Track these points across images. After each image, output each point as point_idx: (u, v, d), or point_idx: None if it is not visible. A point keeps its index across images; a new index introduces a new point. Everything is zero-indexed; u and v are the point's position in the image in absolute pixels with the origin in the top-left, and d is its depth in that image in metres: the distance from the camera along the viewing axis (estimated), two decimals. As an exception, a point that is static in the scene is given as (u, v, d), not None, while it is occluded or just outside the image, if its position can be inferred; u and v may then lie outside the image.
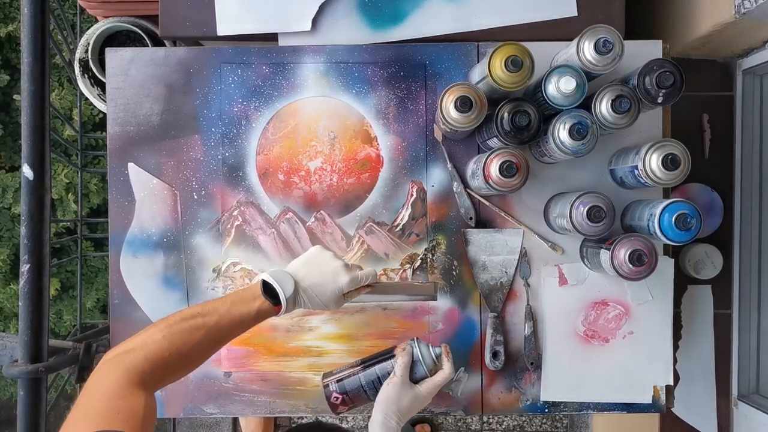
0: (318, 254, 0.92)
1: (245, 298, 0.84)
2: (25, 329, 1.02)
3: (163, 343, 0.75)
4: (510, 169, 0.89)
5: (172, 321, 0.78)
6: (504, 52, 0.88)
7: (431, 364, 0.91)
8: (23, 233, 1.03)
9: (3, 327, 2.32)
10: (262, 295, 0.84)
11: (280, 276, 0.86)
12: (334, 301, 0.89)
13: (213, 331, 0.80)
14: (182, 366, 0.78)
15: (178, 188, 1.07)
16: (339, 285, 0.89)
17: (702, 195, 1.36)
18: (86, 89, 1.39)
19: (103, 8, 1.32)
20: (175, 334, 0.76)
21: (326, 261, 0.90)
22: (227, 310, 0.82)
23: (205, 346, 0.80)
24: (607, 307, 1.06)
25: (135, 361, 0.71)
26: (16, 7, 2.19)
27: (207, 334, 0.79)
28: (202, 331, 0.78)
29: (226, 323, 0.81)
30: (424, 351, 0.92)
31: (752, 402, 1.35)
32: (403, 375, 0.89)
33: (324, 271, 0.89)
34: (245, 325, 0.83)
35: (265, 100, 1.07)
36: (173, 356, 0.75)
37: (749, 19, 1.10)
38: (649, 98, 0.88)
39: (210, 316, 0.80)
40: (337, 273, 0.89)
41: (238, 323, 0.82)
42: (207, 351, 0.81)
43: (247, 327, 0.84)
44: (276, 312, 0.85)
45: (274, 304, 0.85)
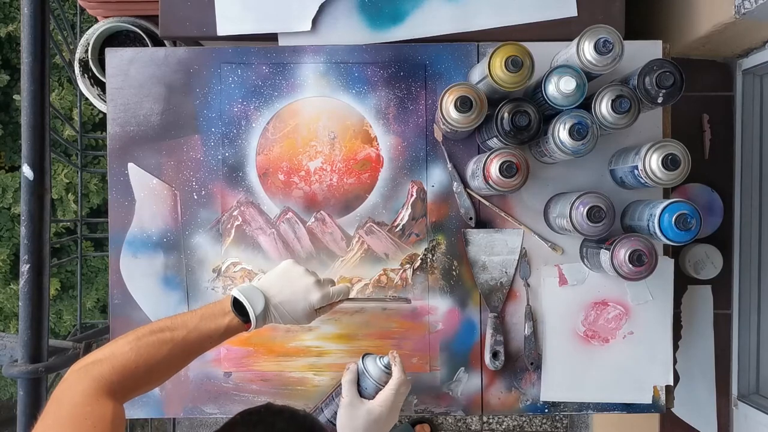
0: (289, 270, 0.91)
1: (215, 314, 0.83)
2: (25, 329, 1.02)
3: (131, 356, 0.75)
4: (510, 169, 0.89)
5: (141, 334, 0.78)
6: (504, 52, 0.88)
7: (380, 375, 0.89)
8: (23, 233, 1.03)
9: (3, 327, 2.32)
10: (231, 312, 0.84)
11: (251, 293, 0.86)
12: (306, 316, 0.89)
13: (180, 346, 0.79)
14: (150, 379, 0.78)
15: (178, 188, 1.07)
16: (310, 302, 0.88)
17: (702, 195, 1.36)
18: (86, 89, 1.39)
19: (103, 8, 1.32)
20: (142, 347, 0.76)
21: (298, 277, 0.90)
22: (196, 325, 0.81)
23: (172, 360, 0.79)
24: (607, 307, 1.06)
25: (102, 371, 0.72)
26: (16, 7, 2.19)
27: (174, 349, 0.79)
28: (169, 345, 0.78)
29: (194, 338, 0.81)
30: (369, 364, 0.90)
31: (752, 402, 1.35)
32: (348, 394, 0.88)
33: (295, 288, 0.88)
34: (214, 340, 0.83)
35: (265, 100, 1.07)
36: (140, 369, 0.75)
37: (749, 20, 1.10)
38: (649, 98, 0.88)
39: (178, 331, 0.80)
40: (308, 290, 0.89)
41: (206, 338, 0.82)
42: (175, 365, 0.81)
43: (216, 342, 0.84)
44: (246, 328, 0.85)
45: (244, 321, 0.84)
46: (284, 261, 0.93)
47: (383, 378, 0.89)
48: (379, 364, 0.90)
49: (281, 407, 0.70)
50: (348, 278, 1.07)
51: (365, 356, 0.92)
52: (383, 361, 0.90)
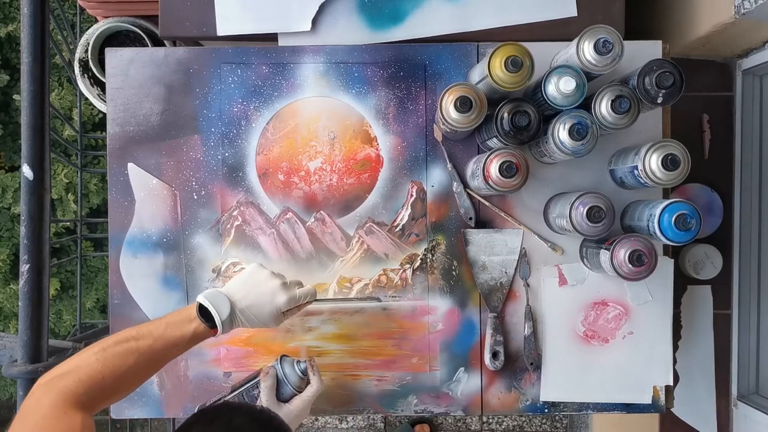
0: (255, 273, 0.91)
1: (180, 321, 0.83)
2: (25, 329, 1.02)
3: (97, 366, 0.75)
4: (510, 169, 0.89)
5: (107, 344, 0.78)
6: (504, 52, 0.88)
7: (298, 381, 0.91)
8: (23, 233, 1.03)
9: (3, 327, 2.32)
10: (197, 318, 0.84)
11: (216, 298, 0.86)
12: (273, 319, 0.89)
13: (147, 355, 0.79)
14: (117, 389, 0.78)
15: (177, 188, 1.07)
16: (277, 304, 0.88)
17: (702, 195, 1.36)
18: (86, 89, 1.39)
19: (103, 8, 1.32)
20: (108, 357, 0.76)
21: (264, 280, 0.89)
22: (161, 333, 0.81)
23: (139, 369, 0.79)
24: (607, 307, 1.06)
25: (68, 384, 0.72)
26: (16, 7, 2.19)
27: (141, 358, 0.79)
28: (135, 354, 0.78)
29: (161, 346, 0.81)
30: (288, 370, 0.91)
31: (752, 402, 1.35)
32: (268, 399, 0.90)
33: (261, 291, 0.88)
34: (181, 347, 0.83)
35: (264, 100, 1.07)
36: (107, 379, 0.75)
37: (749, 20, 1.10)
38: (649, 98, 0.88)
39: (144, 340, 0.80)
40: (274, 293, 0.88)
41: (173, 346, 0.82)
42: (142, 374, 0.81)
43: (183, 349, 0.84)
44: (213, 334, 0.85)
45: (211, 326, 0.84)
46: (250, 265, 0.93)
47: (300, 384, 0.92)
48: (297, 370, 0.92)
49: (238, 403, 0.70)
50: (348, 278, 1.07)
51: (283, 360, 0.93)
52: (300, 367, 0.92)
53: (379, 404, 1.07)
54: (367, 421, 2.27)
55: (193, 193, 1.07)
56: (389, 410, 1.07)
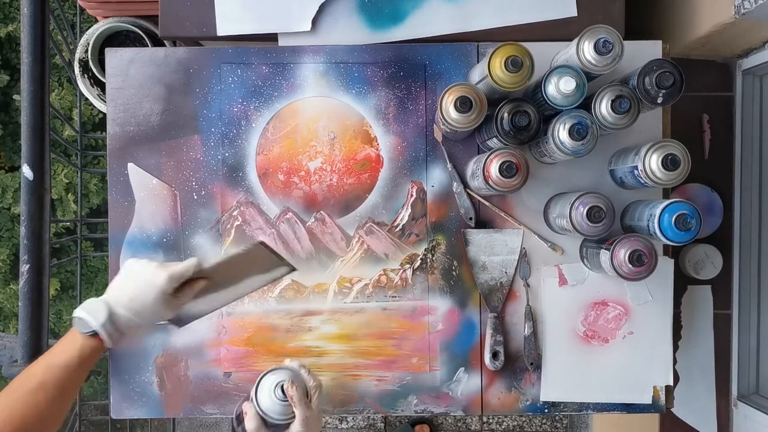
0: (130, 267, 0.84)
1: (64, 345, 0.80)
2: (25, 329, 1.02)
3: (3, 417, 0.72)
4: (510, 169, 0.89)
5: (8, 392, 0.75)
6: (504, 52, 0.88)
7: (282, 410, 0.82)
8: (23, 233, 1.04)
9: (3, 327, 2.32)
10: (79, 334, 0.80)
11: (90, 306, 0.81)
12: (163, 304, 0.82)
13: (42, 391, 0.75)
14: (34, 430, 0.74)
15: (177, 188, 1.07)
16: (158, 287, 0.81)
17: (702, 195, 1.37)
18: (86, 89, 1.39)
19: (103, 8, 1.32)
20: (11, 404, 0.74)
21: (139, 269, 0.83)
22: (50, 363, 0.78)
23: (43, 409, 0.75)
24: (607, 307, 1.06)
25: None
26: (16, 7, 2.19)
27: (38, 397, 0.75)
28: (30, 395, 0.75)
29: (53, 378, 0.77)
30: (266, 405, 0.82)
31: (752, 402, 1.35)
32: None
33: (138, 282, 0.82)
34: (75, 369, 0.79)
35: (264, 100, 1.07)
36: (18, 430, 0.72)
37: (749, 20, 1.10)
38: (649, 98, 0.88)
39: (34, 378, 0.76)
40: (152, 276, 0.81)
41: (65, 371, 0.78)
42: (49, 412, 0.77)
43: (80, 372, 0.80)
44: (101, 345, 0.81)
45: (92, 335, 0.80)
46: (126, 261, 0.86)
47: (287, 411, 0.82)
48: (276, 398, 0.81)
49: None
50: (348, 278, 1.07)
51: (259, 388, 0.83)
52: (279, 395, 0.81)
53: (379, 404, 1.07)
54: (367, 421, 2.27)
55: (193, 193, 1.07)
56: (389, 410, 1.07)
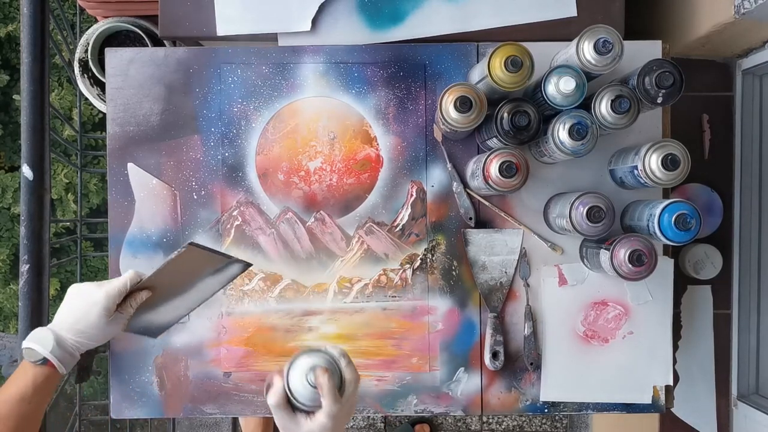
0: (71, 291, 0.86)
1: (17, 375, 0.80)
2: (25, 329, 1.02)
3: None
4: (510, 169, 0.89)
5: None
6: (504, 52, 0.88)
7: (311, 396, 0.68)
8: (23, 233, 1.04)
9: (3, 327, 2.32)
10: (29, 364, 0.81)
11: (37, 334, 0.82)
12: (107, 323, 0.84)
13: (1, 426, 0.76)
14: None
15: (177, 188, 1.07)
16: (98, 305, 0.83)
17: (702, 195, 1.36)
18: (86, 89, 1.39)
19: (102, 8, 1.32)
20: None
21: (78, 292, 0.85)
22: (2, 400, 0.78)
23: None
24: (607, 307, 1.06)
25: None
26: (16, 7, 2.20)
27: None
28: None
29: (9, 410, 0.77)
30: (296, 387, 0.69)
31: (752, 402, 1.35)
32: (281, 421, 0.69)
33: (78, 303, 0.84)
34: (31, 399, 0.79)
35: (264, 100, 1.07)
36: None
37: (749, 20, 1.10)
38: (649, 98, 0.88)
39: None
40: (90, 295, 0.84)
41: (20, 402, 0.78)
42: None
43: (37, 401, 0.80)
44: (55, 372, 0.82)
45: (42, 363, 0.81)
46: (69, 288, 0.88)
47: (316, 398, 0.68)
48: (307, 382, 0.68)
49: None
50: (348, 278, 1.07)
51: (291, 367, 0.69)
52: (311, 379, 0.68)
53: (379, 404, 1.07)
54: (367, 421, 2.27)
55: (193, 193, 1.07)
56: (389, 410, 1.07)
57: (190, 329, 1.06)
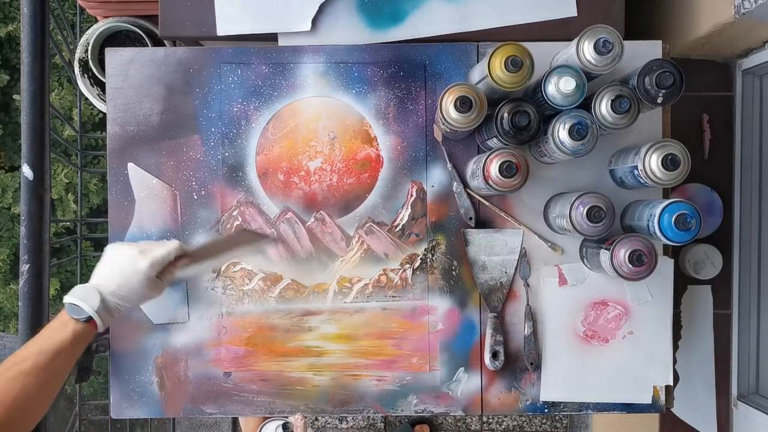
0: (112, 252, 0.89)
1: (56, 329, 0.82)
2: (25, 329, 1.02)
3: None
4: (510, 169, 0.89)
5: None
6: (504, 52, 0.88)
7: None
8: (23, 233, 1.03)
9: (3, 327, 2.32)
10: (71, 319, 0.83)
11: (82, 291, 0.84)
12: (148, 288, 0.87)
13: (33, 375, 0.77)
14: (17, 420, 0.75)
15: (177, 188, 1.07)
16: (142, 271, 0.85)
17: (702, 195, 1.36)
18: (86, 89, 1.39)
19: (102, 8, 1.32)
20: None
21: (121, 255, 0.87)
22: (40, 348, 0.79)
23: (32, 393, 0.77)
24: (607, 307, 1.06)
25: None
26: (16, 7, 2.19)
27: (27, 380, 0.76)
28: (21, 378, 0.76)
29: (45, 361, 0.79)
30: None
31: (752, 402, 1.35)
32: None
33: (123, 267, 0.86)
34: (67, 354, 0.81)
35: (264, 100, 1.07)
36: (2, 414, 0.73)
37: (749, 20, 1.10)
38: (649, 98, 0.88)
39: (25, 362, 0.78)
40: (134, 260, 0.86)
41: (57, 355, 0.80)
42: (37, 397, 0.78)
43: (71, 356, 0.82)
44: (95, 329, 0.84)
45: (86, 320, 0.83)
46: (107, 246, 0.91)
47: None
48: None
49: None
50: (348, 278, 1.07)
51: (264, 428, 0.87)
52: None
53: (379, 404, 1.07)
54: (367, 421, 2.27)
55: (193, 193, 1.07)
56: (389, 410, 1.07)
57: (190, 329, 1.07)
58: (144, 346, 1.06)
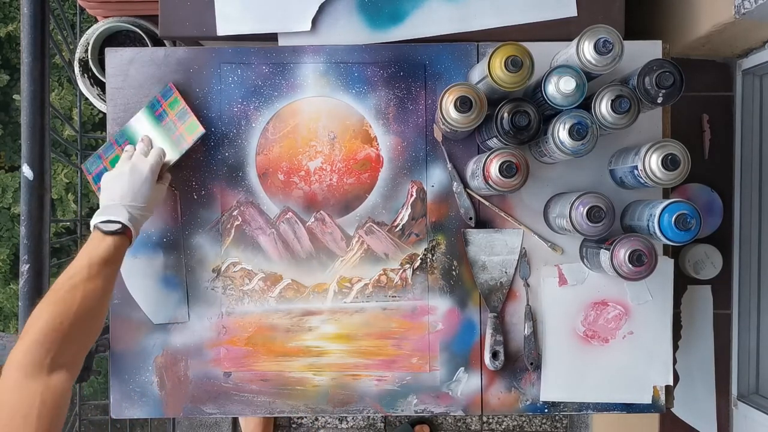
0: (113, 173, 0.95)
1: (95, 246, 0.87)
2: (25, 329, 1.02)
3: (47, 317, 0.78)
4: (510, 169, 0.89)
5: (48, 295, 0.81)
6: (504, 52, 0.88)
7: None
8: (23, 233, 1.04)
9: (3, 327, 2.32)
10: (105, 235, 0.88)
11: (108, 210, 0.91)
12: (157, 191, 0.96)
13: (92, 282, 0.83)
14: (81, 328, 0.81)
15: (178, 188, 1.07)
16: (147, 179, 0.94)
17: (702, 195, 1.36)
18: (86, 89, 1.39)
19: (103, 8, 1.32)
20: (58, 302, 0.80)
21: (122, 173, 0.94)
22: (89, 261, 0.85)
23: (94, 297, 0.83)
24: (607, 307, 1.06)
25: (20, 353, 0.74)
26: (16, 7, 2.20)
27: (88, 286, 0.83)
28: (80, 287, 0.82)
29: (96, 270, 0.84)
30: None
31: (752, 402, 1.35)
32: None
33: (131, 181, 0.93)
34: (113, 262, 0.88)
35: (264, 100, 1.07)
36: (65, 324, 0.78)
37: (749, 20, 1.10)
38: (649, 98, 0.88)
39: (79, 274, 0.83)
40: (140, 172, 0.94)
41: (106, 264, 0.86)
42: (100, 301, 0.85)
43: (116, 265, 0.89)
44: (129, 238, 0.91)
45: (122, 231, 0.89)
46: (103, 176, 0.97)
47: None
48: None
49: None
50: (348, 278, 1.07)
51: None
52: None
53: (379, 404, 1.07)
54: (367, 421, 2.27)
55: (193, 193, 1.07)
56: (389, 410, 1.07)
57: (190, 329, 1.07)
58: (144, 346, 1.06)
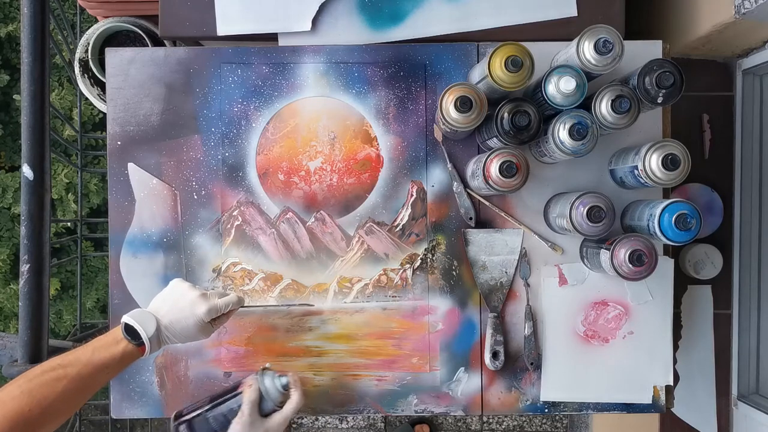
0: (175, 288, 0.92)
1: (107, 344, 0.84)
2: (25, 329, 1.02)
3: (23, 399, 0.74)
4: (510, 169, 0.89)
5: (32, 375, 0.77)
6: (504, 52, 0.88)
7: (278, 397, 0.91)
8: (23, 233, 1.04)
9: (3, 327, 2.32)
10: (124, 338, 0.85)
11: (141, 316, 0.87)
12: (199, 331, 0.90)
13: (76, 381, 0.79)
14: (46, 420, 0.77)
15: (178, 188, 1.07)
16: (198, 316, 0.89)
17: (702, 195, 1.37)
18: (86, 89, 1.39)
19: (103, 8, 1.32)
20: (34, 389, 0.76)
21: (183, 294, 0.91)
22: (89, 358, 0.81)
23: (68, 397, 0.79)
24: (607, 307, 1.06)
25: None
26: (16, 7, 2.20)
27: (69, 385, 0.78)
28: (63, 382, 0.78)
29: (89, 372, 0.81)
30: (269, 384, 0.91)
31: (752, 402, 1.35)
32: (251, 413, 0.89)
33: (182, 306, 0.90)
34: (111, 370, 0.83)
35: (265, 100, 1.07)
36: (34, 411, 0.74)
37: (749, 20, 1.10)
38: (649, 98, 0.88)
39: (72, 367, 0.79)
40: (194, 304, 0.90)
41: (102, 370, 0.82)
42: (72, 402, 0.80)
43: (113, 372, 0.84)
44: (141, 353, 0.86)
45: (138, 344, 0.85)
46: (172, 281, 0.94)
47: (281, 400, 0.92)
48: (278, 385, 0.91)
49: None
50: (348, 278, 1.07)
51: (264, 373, 0.93)
52: (282, 382, 0.92)
53: (379, 404, 1.07)
54: (367, 421, 2.27)
55: (193, 193, 1.07)
56: (389, 410, 1.07)
57: (190, 329, 1.06)
58: (144, 346, 1.06)
